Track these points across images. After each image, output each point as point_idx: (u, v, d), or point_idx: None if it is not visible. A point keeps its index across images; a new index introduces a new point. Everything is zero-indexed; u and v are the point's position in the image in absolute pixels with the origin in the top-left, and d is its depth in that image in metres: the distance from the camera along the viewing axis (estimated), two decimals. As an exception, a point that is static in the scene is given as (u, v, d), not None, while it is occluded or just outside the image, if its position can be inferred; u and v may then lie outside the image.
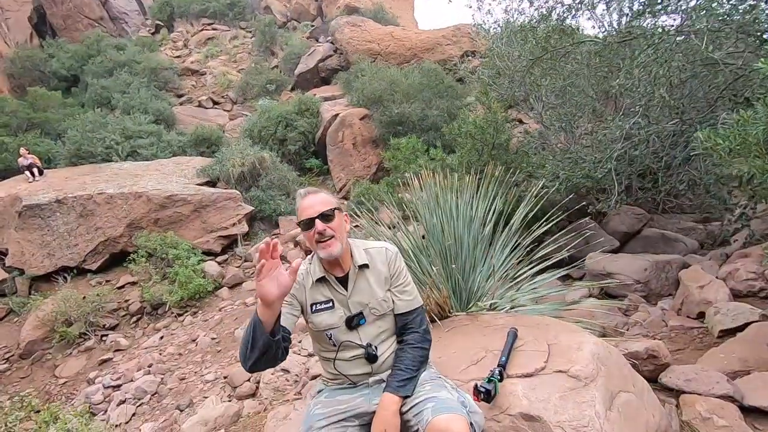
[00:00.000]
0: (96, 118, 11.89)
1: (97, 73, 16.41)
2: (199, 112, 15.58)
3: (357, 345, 1.55)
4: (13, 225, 9.31)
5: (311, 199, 1.54)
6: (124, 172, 10.29)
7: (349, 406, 1.50)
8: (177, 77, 17.03)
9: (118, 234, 8.99)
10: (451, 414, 1.28)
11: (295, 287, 1.56)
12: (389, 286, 1.61)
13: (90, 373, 6.39)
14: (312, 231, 1.49)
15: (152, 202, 8.99)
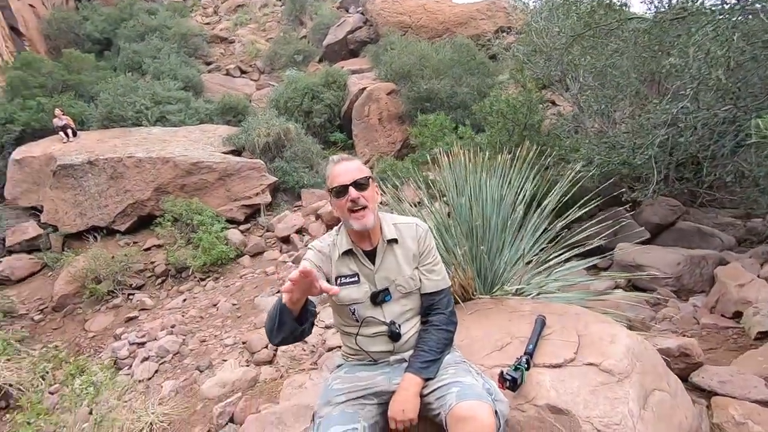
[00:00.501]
0: (127, 82, 12.03)
1: (129, 37, 16.51)
2: (227, 80, 15.58)
3: (380, 322, 1.50)
4: (48, 183, 9.64)
5: (345, 166, 1.48)
6: (153, 137, 10.44)
7: (369, 383, 1.46)
8: (206, 44, 17.00)
9: (146, 197, 9.20)
10: (477, 401, 1.23)
11: (320, 258, 1.53)
12: (417, 264, 1.55)
13: (117, 329, 6.66)
14: (344, 199, 1.43)
15: (179, 168, 9.12)
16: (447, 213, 2.66)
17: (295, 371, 3.77)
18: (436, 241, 2.43)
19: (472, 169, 2.56)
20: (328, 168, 1.52)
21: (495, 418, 1.20)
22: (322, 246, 1.57)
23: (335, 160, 1.52)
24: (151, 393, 4.11)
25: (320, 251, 1.55)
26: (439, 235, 2.51)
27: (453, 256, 2.24)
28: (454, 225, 2.44)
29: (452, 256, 2.24)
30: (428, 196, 2.88)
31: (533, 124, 5.51)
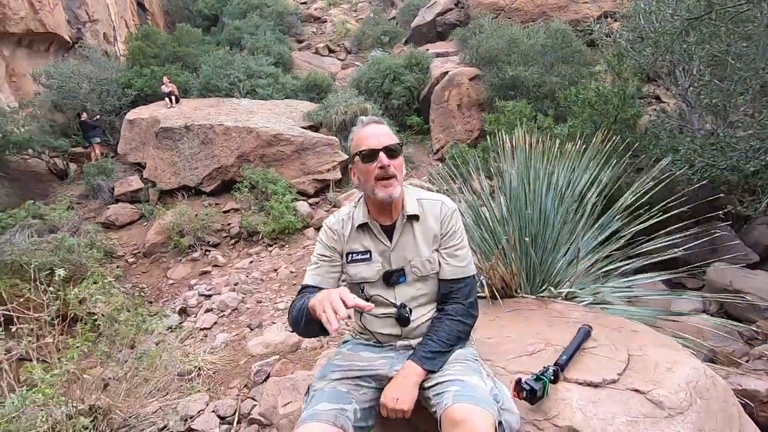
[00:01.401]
0: (225, 55, 12.92)
1: (233, 14, 17.69)
2: (315, 58, 16.07)
3: (389, 303, 1.39)
4: (152, 143, 10.76)
5: (376, 129, 1.36)
6: (242, 108, 11.13)
7: (370, 365, 1.37)
8: (300, 23, 17.65)
9: (230, 163, 9.88)
10: (474, 405, 1.07)
11: (332, 238, 1.44)
12: (438, 246, 1.40)
13: (191, 280, 7.30)
14: (373, 165, 1.31)
15: (261, 139, 9.64)
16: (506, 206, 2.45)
17: (336, 344, 3.82)
18: (487, 231, 2.26)
19: (537, 157, 2.31)
20: (354, 130, 1.41)
21: (495, 428, 1.05)
22: (334, 223, 1.47)
23: (364, 121, 1.39)
24: (207, 341, 4.44)
25: (331, 229, 1.46)
26: (492, 225, 2.32)
27: (499, 247, 2.04)
28: (509, 214, 2.23)
29: (499, 246, 2.05)
30: (494, 187, 2.67)
31: (627, 118, 4.90)
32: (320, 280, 1.41)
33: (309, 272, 1.44)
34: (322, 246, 1.45)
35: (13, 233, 7.82)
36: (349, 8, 18.56)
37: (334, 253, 1.43)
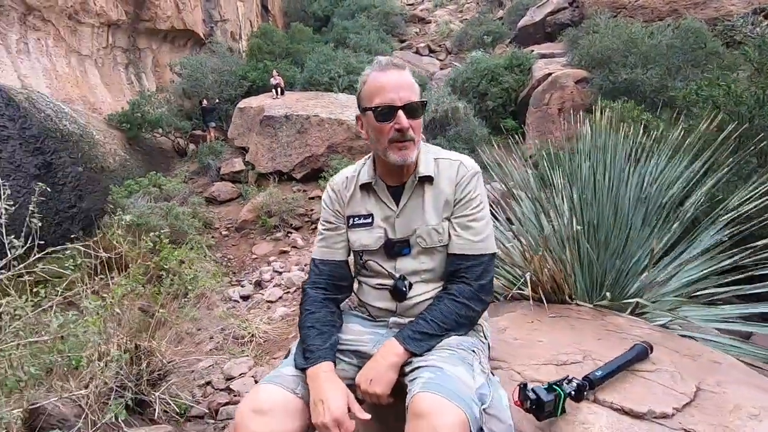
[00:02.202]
0: (329, 52, 13.59)
1: (343, 15, 18.59)
2: (415, 58, 16.15)
3: (387, 273, 1.21)
4: (255, 130, 11.72)
5: (397, 78, 1.12)
6: (338, 102, 11.59)
7: (355, 339, 1.21)
8: (404, 23, 17.93)
9: (320, 153, 10.36)
10: (443, 398, 0.87)
11: (335, 200, 1.29)
12: (449, 214, 1.19)
13: (271, 257, 7.76)
14: (389, 125, 1.11)
15: (350, 131, 9.93)
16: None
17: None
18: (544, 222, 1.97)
19: (619, 143, 1.95)
20: (368, 71, 1.17)
21: (469, 429, 0.84)
22: (337, 183, 1.32)
23: (382, 63, 1.14)
24: (267, 312, 4.66)
25: (334, 190, 1.31)
26: (551, 216, 2.01)
27: (556, 241, 1.74)
28: (576, 206, 1.91)
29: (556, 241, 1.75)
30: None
31: (766, 125, 4.00)
32: (328, 252, 1.28)
33: (316, 244, 1.32)
34: (325, 211, 1.31)
35: (137, 198, 9.07)
36: (455, 9, 18.36)
37: (338, 218, 1.28)
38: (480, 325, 1.23)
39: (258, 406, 0.96)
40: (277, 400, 0.98)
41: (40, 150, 8.86)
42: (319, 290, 1.24)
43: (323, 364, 1.05)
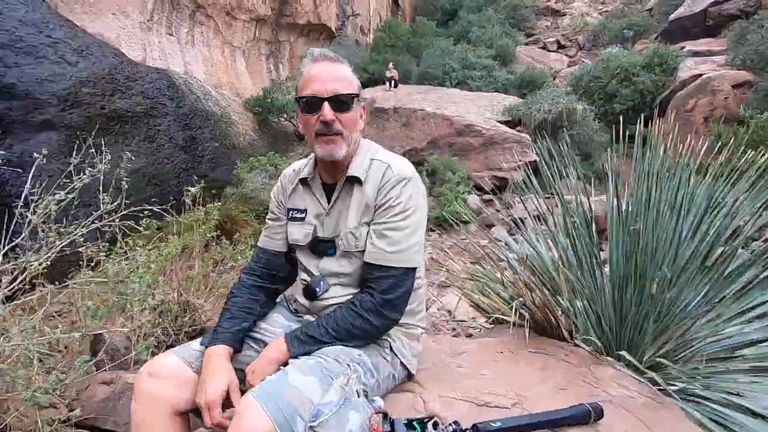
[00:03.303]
0: (446, 46, 13.45)
1: (470, 8, 18.15)
2: (540, 54, 15.08)
3: (308, 271, 1.20)
4: (366, 120, 12.26)
5: (326, 69, 1.11)
6: (447, 97, 11.45)
7: (268, 328, 1.21)
8: (534, 16, 16.79)
9: (421, 147, 10.40)
10: (257, 402, 0.85)
11: (280, 191, 1.30)
12: (369, 219, 1.12)
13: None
14: (315, 116, 1.10)
15: (453, 127, 9.76)
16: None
17: (429, 335, 3.65)
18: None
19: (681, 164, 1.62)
20: (303, 63, 1.16)
21: None
22: (285, 175, 1.33)
23: (314, 54, 1.15)
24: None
25: (281, 182, 1.32)
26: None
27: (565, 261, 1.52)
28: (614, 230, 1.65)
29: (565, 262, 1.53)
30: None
31: None
32: (267, 242, 1.31)
33: (262, 232, 1.35)
34: (272, 202, 1.34)
35: (256, 174, 10.25)
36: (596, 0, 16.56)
37: (281, 209, 1.30)
38: (387, 341, 1.16)
39: (155, 370, 1.04)
40: (172, 368, 1.04)
41: (189, 126, 10.55)
42: (253, 277, 1.27)
43: (220, 347, 1.07)
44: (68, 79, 7.27)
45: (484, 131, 9.35)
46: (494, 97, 11.58)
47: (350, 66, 1.18)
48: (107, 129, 8.21)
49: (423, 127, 10.47)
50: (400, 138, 11.05)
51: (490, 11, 16.93)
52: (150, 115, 9.36)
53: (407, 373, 1.20)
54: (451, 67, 12.71)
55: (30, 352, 1.62)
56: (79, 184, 2.07)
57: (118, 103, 8.46)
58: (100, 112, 7.94)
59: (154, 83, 9.71)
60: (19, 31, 6.55)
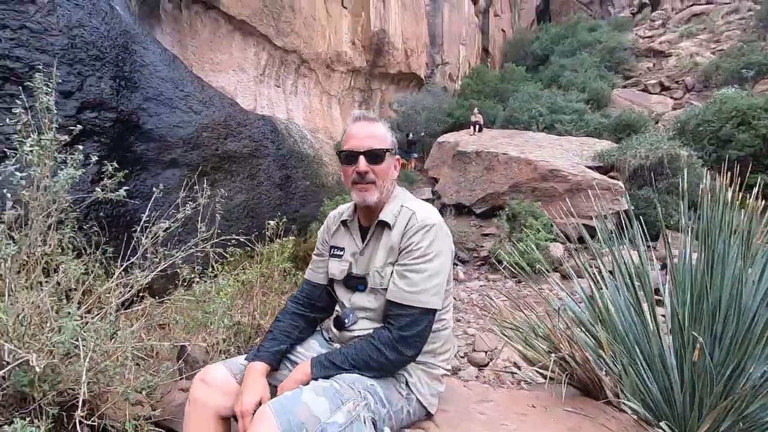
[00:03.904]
0: (534, 91, 13.31)
1: (563, 52, 17.90)
2: (640, 96, 14.16)
3: (340, 303, 1.32)
4: (448, 163, 12.45)
5: (363, 128, 1.27)
6: (532, 141, 11.23)
7: (304, 353, 1.33)
8: (634, 58, 15.96)
9: (503, 191, 10.22)
10: (270, 411, 0.97)
11: (325, 231, 1.45)
12: (394, 260, 1.22)
13: (430, 284, 8.09)
14: (352, 168, 1.25)
15: (537, 172, 9.49)
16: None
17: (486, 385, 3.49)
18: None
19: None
20: (348, 123, 1.34)
21: None
22: (331, 216, 1.48)
23: (356, 116, 1.32)
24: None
25: (326, 223, 1.48)
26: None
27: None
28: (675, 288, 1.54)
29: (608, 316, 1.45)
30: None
31: None
32: (311, 274, 1.46)
33: (309, 266, 1.50)
34: (318, 239, 1.49)
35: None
36: (708, 38, 15.25)
37: (324, 246, 1.44)
38: (404, 375, 1.20)
39: (205, 377, 1.21)
40: (220, 379, 1.20)
41: (285, 166, 11.67)
42: (296, 305, 1.42)
43: (259, 364, 1.22)
44: (193, 125, 8.60)
45: (569, 177, 8.94)
46: (584, 142, 11.07)
47: (386, 125, 1.35)
48: (219, 167, 9.46)
49: (505, 171, 10.33)
50: (481, 181, 11.01)
51: (584, 55, 16.50)
52: (254, 155, 10.60)
53: (426, 412, 1.24)
54: (538, 111, 12.50)
55: (129, 354, 1.94)
56: (182, 216, 2.46)
57: (229, 145, 9.74)
58: (214, 152, 9.21)
59: (260, 128, 11.02)
60: (161, 87, 7.98)
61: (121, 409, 1.97)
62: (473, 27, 21.55)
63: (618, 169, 9.38)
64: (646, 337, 1.45)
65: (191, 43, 11.31)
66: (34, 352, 1.62)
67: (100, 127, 6.49)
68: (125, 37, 7.34)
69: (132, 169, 7.19)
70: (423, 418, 1.24)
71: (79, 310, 1.99)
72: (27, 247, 1.80)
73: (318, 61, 15.13)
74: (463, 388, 1.44)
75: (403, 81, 19.03)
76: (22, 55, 5.47)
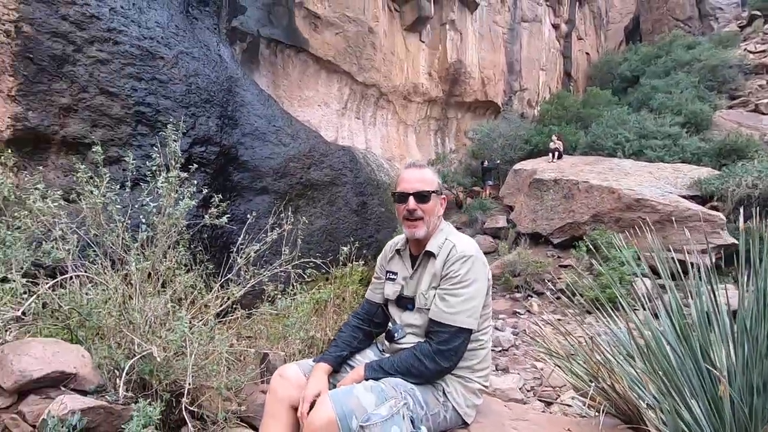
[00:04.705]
0: (620, 115, 12.59)
1: (655, 73, 16.74)
2: (750, 118, 12.70)
3: (393, 320, 1.53)
4: (524, 191, 12.17)
5: (413, 174, 1.53)
6: (617, 169, 10.60)
7: (361, 360, 1.54)
8: (742, 76, 14.39)
9: (583, 221, 9.73)
10: (328, 399, 1.18)
11: (382, 257, 1.68)
12: (437, 285, 1.42)
13: (501, 315, 7.92)
14: (403, 206, 1.50)
15: (621, 201, 8.93)
16: None
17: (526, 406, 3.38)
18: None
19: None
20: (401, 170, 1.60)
21: (337, 426, 1.12)
22: (388, 245, 1.72)
23: (407, 164, 1.58)
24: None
25: (384, 250, 1.72)
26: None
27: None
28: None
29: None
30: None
31: None
32: (371, 294, 1.71)
33: (369, 287, 1.76)
34: (377, 264, 1.74)
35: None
36: (839, 50, 13.30)
37: (382, 270, 1.68)
38: (441, 385, 1.37)
39: (282, 373, 1.48)
40: (292, 374, 1.47)
41: (362, 193, 12.28)
42: (357, 319, 1.68)
43: (323, 364, 1.48)
44: (282, 157, 9.53)
45: (659, 206, 8.27)
46: (678, 169, 10.18)
47: (433, 170, 1.62)
48: (302, 194, 10.29)
49: (585, 200, 9.85)
50: (558, 210, 10.59)
51: (680, 74, 15.27)
52: (334, 183, 11.35)
53: (462, 421, 1.41)
54: (625, 137, 11.78)
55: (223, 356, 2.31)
56: (270, 239, 2.86)
57: (312, 174, 10.58)
58: (299, 181, 10.07)
59: (340, 158, 11.82)
60: (257, 123, 9.02)
61: (214, 402, 2.34)
62: (554, 52, 21.07)
63: (719, 198, 8.47)
64: (700, 379, 1.44)
65: (283, 82, 12.60)
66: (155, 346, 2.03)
67: (206, 159, 7.52)
68: (230, 81, 8.49)
69: (229, 196, 8.15)
70: (460, 425, 1.40)
71: (194, 318, 2.41)
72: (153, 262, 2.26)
73: (396, 93, 15.86)
74: (503, 405, 1.55)
75: (479, 109, 19.10)
76: (152, 102, 6.62)
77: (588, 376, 1.62)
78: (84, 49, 5.82)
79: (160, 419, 2.05)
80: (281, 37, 11.35)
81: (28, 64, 5.31)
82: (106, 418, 1.79)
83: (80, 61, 5.76)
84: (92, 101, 5.88)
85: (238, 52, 10.79)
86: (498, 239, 11.87)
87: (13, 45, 5.22)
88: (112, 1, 6.21)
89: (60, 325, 2.24)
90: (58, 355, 1.91)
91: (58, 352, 1.93)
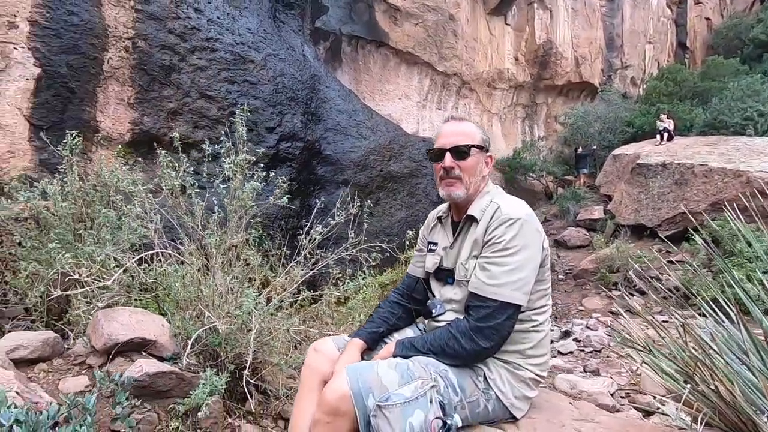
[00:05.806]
0: (751, 86, 10.62)
1: (801, 33, 13.84)
2: None
3: (432, 294, 1.37)
4: (624, 178, 10.92)
5: (451, 127, 1.35)
6: (745, 148, 8.98)
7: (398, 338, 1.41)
8: None
9: (699, 210, 8.41)
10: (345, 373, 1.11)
11: (425, 227, 1.54)
12: (478, 253, 1.22)
13: (596, 313, 7.22)
14: (439, 164, 1.34)
15: (750, 185, 7.54)
16: None
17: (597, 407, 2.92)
18: None
19: None
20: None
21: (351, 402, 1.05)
22: (431, 213, 1.55)
23: (446, 118, 1.38)
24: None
25: (428, 220, 1.55)
26: None
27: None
28: None
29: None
30: None
31: None
32: (412, 268, 1.57)
33: (410, 261, 1.62)
34: (419, 237, 1.58)
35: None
36: None
37: (423, 242, 1.53)
38: (482, 369, 1.19)
39: (317, 347, 1.43)
40: (328, 349, 1.40)
41: (443, 184, 12.07)
42: (397, 295, 1.55)
43: (357, 340, 1.39)
44: (362, 150, 9.72)
45: (805, 192, 6.80)
46: (835, 146, 8.31)
47: (476, 124, 1.42)
48: (382, 186, 10.41)
49: (702, 186, 8.51)
50: (667, 198, 9.31)
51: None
52: (413, 175, 11.29)
53: (510, 414, 1.22)
54: (758, 111, 9.91)
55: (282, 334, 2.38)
56: (335, 223, 2.89)
57: (392, 167, 10.64)
58: (378, 173, 10.19)
59: (419, 150, 11.70)
60: (338, 118, 9.31)
61: (276, 378, 2.41)
62: (664, 21, 18.49)
63: None
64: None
65: (365, 78, 12.84)
66: (221, 320, 2.15)
67: (292, 154, 7.95)
68: (313, 80, 8.86)
69: (313, 188, 8.54)
70: (507, 419, 1.22)
71: (260, 296, 2.52)
72: (223, 239, 2.40)
73: (479, 81, 15.26)
74: (569, 403, 1.33)
75: (572, 92, 17.56)
76: (243, 102, 7.18)
77: (681, 375, 1.33)
78: (187, 58, 6.48)
79: (227, 390, 2.17)
80: (362, 33, 11.56)
81: (142, 75, 6.06)
82: (177, 383, 1.93)
83: (184, 69, 6.43)
84: (194, 105, 6.53)
85: (322, 51, 11.22)
86: (593, 232, 10.83)
87: (131, 59, 5.99)
88: (210, 12, 6.83)
89: (150, 297, 2.49)
90: (142, 323, 2.10)
91: (141, 320, 2.13)
